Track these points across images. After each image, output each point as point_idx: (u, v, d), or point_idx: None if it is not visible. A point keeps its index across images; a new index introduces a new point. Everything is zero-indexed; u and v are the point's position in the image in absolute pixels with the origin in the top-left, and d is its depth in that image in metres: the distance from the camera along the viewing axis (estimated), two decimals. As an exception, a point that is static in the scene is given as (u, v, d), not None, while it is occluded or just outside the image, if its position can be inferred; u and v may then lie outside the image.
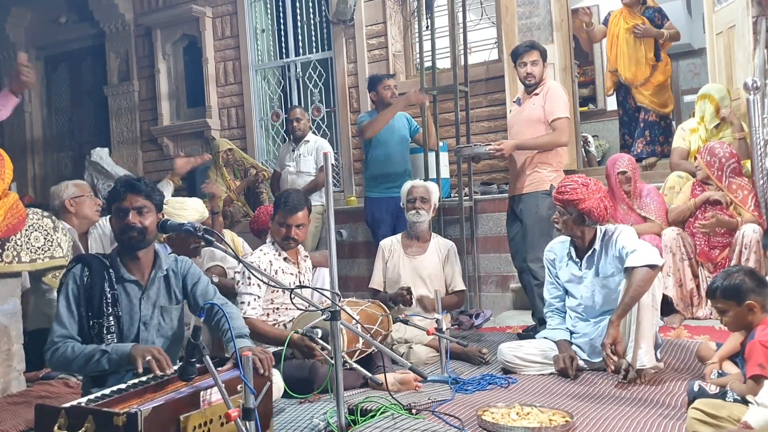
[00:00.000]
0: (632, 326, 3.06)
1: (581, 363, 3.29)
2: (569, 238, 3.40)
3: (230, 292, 3.44)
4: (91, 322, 2.47)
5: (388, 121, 4.84)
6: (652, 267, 3.00)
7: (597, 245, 3.28)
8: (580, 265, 3.33)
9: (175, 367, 2.27)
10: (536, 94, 4.15)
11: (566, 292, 3.45)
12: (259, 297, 3.32)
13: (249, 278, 3.32)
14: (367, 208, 5.10)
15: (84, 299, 2.48)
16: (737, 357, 2.57)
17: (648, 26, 5.67)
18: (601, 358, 3.21)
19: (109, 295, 2.50)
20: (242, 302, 3.30)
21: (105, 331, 2.47)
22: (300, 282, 3.49)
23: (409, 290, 3.84)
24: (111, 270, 2.54)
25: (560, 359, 3.23)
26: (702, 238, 4.07)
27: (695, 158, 4.28)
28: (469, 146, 4.41)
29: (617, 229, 3.27)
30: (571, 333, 3.39)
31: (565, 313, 3.47)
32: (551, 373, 3.27)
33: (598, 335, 3.23)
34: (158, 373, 2.20)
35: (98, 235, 3.97)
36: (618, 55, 5.80)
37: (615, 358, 2.99)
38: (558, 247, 3.48)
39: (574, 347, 3.34)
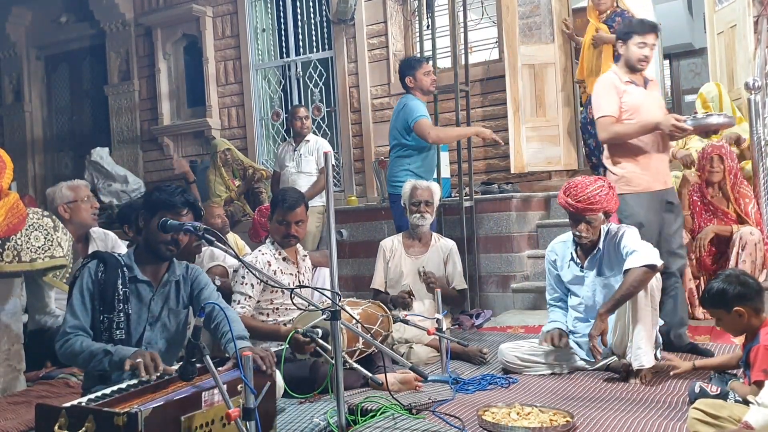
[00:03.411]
0: (629, 327, 3.06)
1: (581, 363, 3.29)
2: (570, 238, 3.38)
3: (230, 294, 3.44)
4: (102, 317, 2.52)
5: (456, 139, 4.81)
6: (649, 267, 3.00)
7: (601, 245, 3.26)
8: (582, 266, 3.33)
9: (174, 368, 2.28)
10: (650, 81, 3.72)
11: (568, 291, 3.45)
12: (250, 297, 3.32)
13: (243, 277, 3.33)
14: (397, 208, 4.50)
15: (97, 293, 2.52)
16: (742, 363, 2.55)
17: (602, 33, 5.15)
18: (601, 358, 3.22)
19: (121, 293, 2.54)
20: (233, 300, 3.32)
21: (114, 327, 2.52)
22: (299, 282, 3.49)
23: (410, 293, 3.83)
24: (126, 269, 2.58)
25: (549, 335, 3.25)
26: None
27: (710, 158, 4.08)
28: (707, 115, 3.70)
29: (620, 229, 3.25)
30: (572, 332, 3.38)
31: (566, 309, 3.48)
32: (552, 373, 3.27)
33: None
34: (143, 375, 2.20)
35: (96, 248, 3.91)
36: (586, 67, 5.31)
37: (601, 348, 3.03)
38: (559, 247, 3.46)
39: (574, 347, 3.34)
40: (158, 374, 2.22)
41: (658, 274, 3.10)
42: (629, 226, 3.29)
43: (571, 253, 3.36)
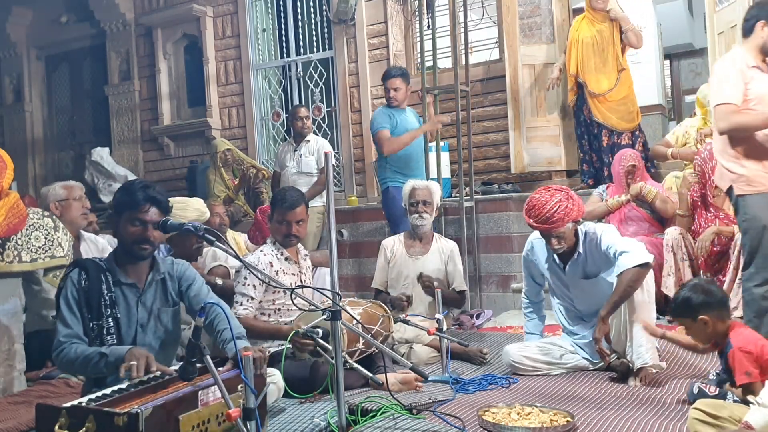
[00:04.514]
0: (627, 325, 3.06)
1: (585, 363, 3.29)
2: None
3: (232, 294, 3.43)
4: (91, 324, 2.50)
5: (408, 144, 4.83)
6: (642, 266, 2.99)
7: (581, 248, 3.21)
8: (565, 270, 3.29)
9: (174, 368, 2.28)
10: None
11: (554, 292, 3.43)
12: (253, 298, 3.31)
13: (245, 278, 3.33)
14: (389, 199, 4.91)
15: (84, 301, 2.50)
16: (722, 370, 2.57)
17: (618, 8, 5.20)
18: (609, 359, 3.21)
19: (107, 298, 2.52)
20: (236, 301, 3.31)
21: (105, 333, 2.50)
22: (301, 282, 3.49)
23: (409, 299, 3.83)
24: (108, 273, 2.56)
25: None
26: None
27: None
28: None
29: (597, 229, 3.23)
30: (572, 333, 3.38)
31: (540, 313, 3.57)
32: (549, 374, 3.26)
33: None
34: (134, 375, 2.19)
35: (88, 249, 3.93)
36: (581, 62, 5.27)
37: (608, 351, 3.03)
38: (538, 244, 3.42)
39: (576, 347, 3.33)
40: (153, 374, 2.21)
41: (651, 280, 3.10)
42: (607, 225, 3.27)
43: (553, 257, 3.32)
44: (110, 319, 2.51)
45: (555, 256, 3.29)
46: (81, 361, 2.40)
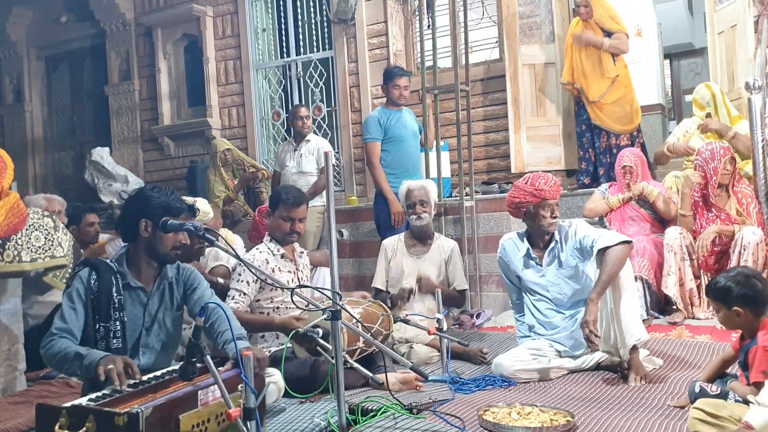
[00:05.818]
0: (613, 318, 3.06)
1: (567, 359, 3.25)
2: (516, 236, 3.42)
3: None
4: (98, 326, 2.50)
5: (382, 186, 4.80)
6: (625, 243, 3.05)
7: (557, 237, 3.30)
8: (541, 261, 3.34)
9: (174, 367, 2.28)
10: None
11: (528, 290, 3.42)
12: (245, 294, 3.34)
13: (240, 274, 3.35)
14: (378, 204, 4.92)
15: (91, 302, 2.50)
16: (740, 363, 2.55)
17: (588, 35, 5.14)
18: (583, 350, 3.20)
19: (116, 300, 2.53)
20: (228, 296, 3.33)
21: (111, 335, 2.51)
22: (298, 279, 3.49)
23: (411, 291, 3.83)
24: (118, 275, 2.57)
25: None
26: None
27: (723, 160, 3.99)
28: None
29: (572, 223, 3.31)
30: (553, 328, 3.34)
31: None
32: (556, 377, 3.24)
33: (578, 327, 3.17)
34: (116, 383, 2.17)
35: None
36: (575, 67, 5.26)
37: (597, 336, 2.99)
38: (509, 245, 3.45)
39: (555, 343, 3.30)
40: (133, 381, 2.20)
41: (628, 260, 3.13)
42: (578, 220, 3.33)
43: (528, 250, 3.36)
44: (117, 322, 2.52)
45: (530, 249, 3.35)
46: (60, 357, 2.39)
